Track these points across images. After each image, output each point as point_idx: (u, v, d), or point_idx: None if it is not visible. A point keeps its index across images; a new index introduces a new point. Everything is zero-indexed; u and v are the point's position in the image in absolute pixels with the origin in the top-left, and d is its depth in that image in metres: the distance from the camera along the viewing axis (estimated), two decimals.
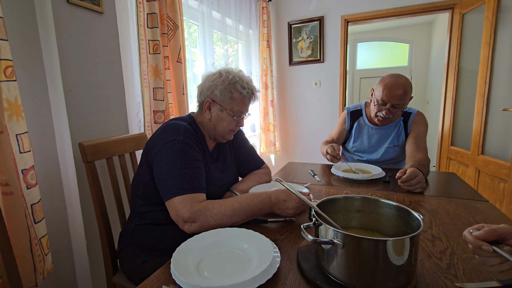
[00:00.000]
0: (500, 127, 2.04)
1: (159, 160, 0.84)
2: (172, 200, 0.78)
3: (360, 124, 1.61)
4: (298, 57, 3.18)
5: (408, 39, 4.76)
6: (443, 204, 0.96)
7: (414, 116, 1.50)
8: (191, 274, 0.56)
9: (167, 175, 0.81)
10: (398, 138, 1.51)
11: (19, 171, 0.86)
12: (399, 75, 1.39)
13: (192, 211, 0.76)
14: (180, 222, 0.77)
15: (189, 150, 0.86)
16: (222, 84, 0.95)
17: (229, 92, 0.95)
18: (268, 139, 3.07)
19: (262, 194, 0.84)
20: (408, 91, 1.35)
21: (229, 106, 0.97)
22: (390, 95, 1.35)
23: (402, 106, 1.39)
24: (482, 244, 0.44)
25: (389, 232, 0.63)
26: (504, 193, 1.87)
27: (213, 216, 0.76)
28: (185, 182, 0.80)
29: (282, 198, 0.83)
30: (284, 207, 0.83)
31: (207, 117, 0.99)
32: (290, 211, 0.83)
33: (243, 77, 0.99)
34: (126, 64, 1.41)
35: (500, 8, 2.01)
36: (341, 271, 0.52)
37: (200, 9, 2.05)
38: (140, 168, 0.94)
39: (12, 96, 0.84)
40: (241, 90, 0.96)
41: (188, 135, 0.88)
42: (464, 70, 2.57)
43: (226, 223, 0.77)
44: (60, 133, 1.12)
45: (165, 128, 0.89)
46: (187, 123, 0.93)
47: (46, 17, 1.05)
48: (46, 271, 0.96)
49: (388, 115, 1.40)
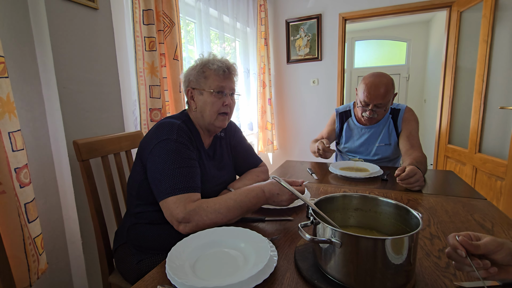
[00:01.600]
0: (497, 125, 2.04)
1: (152, 159, 0.83)
2: (166, 201, 0.77)
3: (349, 125, 1.60)
4: (296, 55, 3.16)
5: (406, 37, 4.76)
6: (441, 202, 0.96)
7: (403, 113, 1.48)
8: (186, 274, 0.55)
9: (161, 175, 0.80)
10: (389, 137, 1.50)
11: (11, 170, 0.85)
12: (380, 74, 1.37)
13: (186, 211, 0.74)
14: (174, 223, 0.76)
15: (183, 149, 0.85)
16: (194, 69, 0.97)
17: (202, 73, 0.96)
18: (266, 137, 3.06)
19: (256, 189, 0.83)
20: (389, 89, 1.34)
21: (206, 85, 0.96)
22: (371, 96, 1.34)
23: (386, 105, 1.38)
24: (458, 247, 0.44)
25: (388, 231, 0.63)
26: (501, 191, 1.88)
27: (207, 215, 0.75)
28: (178, 182, 0.79)
29: (275, 192, 0.82)
30: (278, 199, 0.83)
31: (193, 107, 0.99)
32: (284, 203, 0.84)
33: (215, 57, 0.99)
34: (121, 61, 1.39)
35: (498, 6, 2.00)
36: (339, 271, 0.51)
37: (197, 6, 2.03)
38: (135, 167, 0.93)
39: (4, 93, 0.82)
40: (212, 66, 0.96)
41: (181, 134, 0.87)
42: (462, 68, 2.57)
43: (221, 221, 0.76)
44: (54, 131, 1.10)
45: (158, 127, 0.88)
46: (181, 121, 0.92)
47: (39, 13, 1.03)
48: (40, 271, 0.95)
49: (373, 115, 1.39)
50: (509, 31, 1.94)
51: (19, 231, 0.85)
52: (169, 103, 1.63)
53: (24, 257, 0.87)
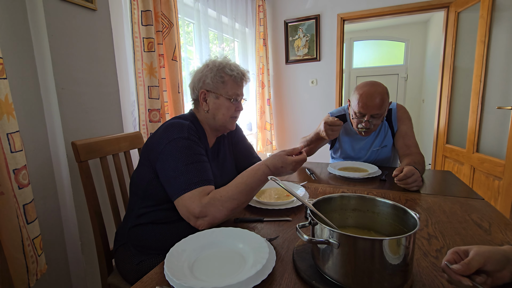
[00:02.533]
0: (494, 125, 2.05)
1: (164, 159, 0.83)
2: (182, 198, 0.78)
3: (345, 129, 1.55)
4: (295, 55, 3.17)
5: (404, 37, 4.77)
6: (439, 202, 0.96)
7: (396, 112, 1.45)
8: (185, 275, 0.55)
9: (174, 173, 0.80)
10: (386, 139, 1.48)
11: (10, 171, 0.85)
12: (374, 83, 1.32)
13: (202, 205, 0.75)
14: (192, 220, 0.76)
15: (194, 146, 0.86)
16: (211, 72, 0.97)
17: (220, 77, 0.96)
18: (265, 137, 3.06)
19: (261, 167, 0.83)
20: (385, 98, 1.29)
21: (223, 91, 0.97)
22: (367, 106, 1.28)
23: (382, 115, 1.32)
24: (461, 279, 0.45)
25: (385, 231, 0.63)
26: (499, 190, 1.89)
27: (223, 204, 0.76)
28: (193, 177, 0.80)
29: (279, 165, 0.83)
30: (284, 171, 0.84)
31: (204, 108, 0.99)
32: (291, 172, 0.85)
33: (229, 61, 1.00)
34: (120, 62, 1.39)
35: (495, 6, 2.02)
36: (337, 271, 0.52)
37: (196, 7, 2.03)
38: (141, 167, 0.93)
39: (3, 94, 0.82)
40: (231, 72, 0.97)
41: (192, 132, 0.88)
42: (459, 68, 2.58)
43: (237, 206, 0.78)
44: (52, 132, 1.10)
45: (168, 127, 0.88)
46: (189, 122, 0.93)
47: (37, 14, 1.03)
48: (39, 272, 0.95)
49: (369, 126, 1.33)
50: (506, 31, 1.95)
51: (18, 232, 0.85)
52: (168, 104, 1.63)
53: (23, 258, 0.87)
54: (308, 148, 1.57)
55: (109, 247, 1.07)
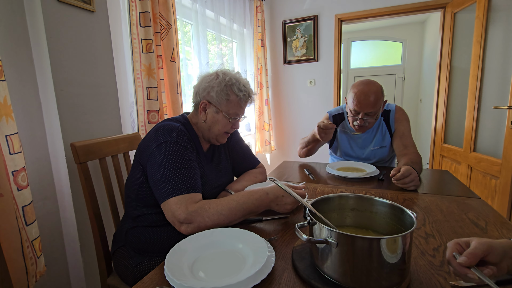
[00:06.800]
0: (491, 124, 2.07)
1: (152, 162, 0.83)
2: (167, 202, 0.78)
3: (344, 127, 1.58)
4: (293, 56, 3.18)
5: (401, 38, 4.80)
6: (436, 202, 0.97)
7: (394, 113, 1.48)
8: (185, 275, 0.56)
9: (161, 177, 0.80)
10: (384, 139, 1.50)
11: (9, 173, 0.85)
12: (369, 82, 1.35)
13: (188, 212, 0.75)
14: (176, 224, 0.76)
15: (183, 151, 0.85)
16: (218, 86, 0.94)
17: (226, 94, 0.94)
18: (263, 138, 3.07)
19: (259, 191, 0.83)
20: (379, 97, 1.32)
21: (225, 108, 0.96)
22: (361, 104, 1.32)
23: (376, 113, 1.36)
24: (467, 272, 0.45)
25: (383, 230, 0.64)
26: (496, 189, 1.90)
27: (209, 216, 0.75)
28: (179, 183, 0.79)
29: (280, 194, 0.82)
30: (282, 202, 0.82)
31: (202, 118, 0.98)
32: (288, 206, 0.83)
33: (240, 79, 0.98)
34: (118, 63, 1.39)
35: (491, 7, 2.03)
36: (336, 270, 0.52)
37: (194, 8, 2.04)
38: (133, 170, 0.93)
39: (1, 96, 0.82)
40: (238, 92, 0.95)
41: (181, 136, 0.87)
42: (456, 68, 2.60)
43: (223, 222, 0.77)
44: (51, 133, 1.10)
45: (158, 129, 0.88)
46: (180, 124, 0.92)
47: (35, 15, 1.03)
48: (38, 273, 0.94)
49: (364, 124, 1.37)
50: (502, 31, 1.97)
51: (17, 234, 0.85)
52: (166, 105, 1.63)
53: (22, 260, 0.87)
54: (308, 149, 1.60)
55: (109, 249, 1.07)
